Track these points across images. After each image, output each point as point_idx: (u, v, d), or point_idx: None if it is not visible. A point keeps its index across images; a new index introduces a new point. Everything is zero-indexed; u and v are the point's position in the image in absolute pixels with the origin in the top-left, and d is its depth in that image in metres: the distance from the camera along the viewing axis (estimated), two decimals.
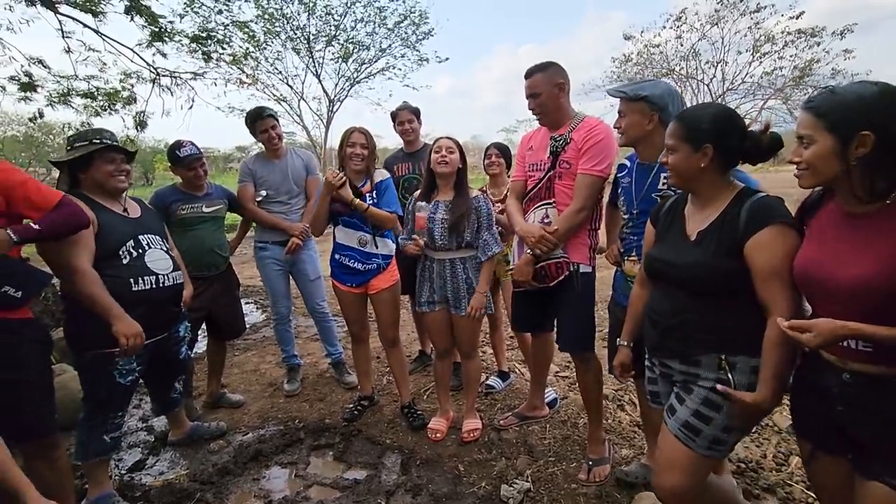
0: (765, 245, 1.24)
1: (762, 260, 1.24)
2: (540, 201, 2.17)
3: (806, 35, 14.25)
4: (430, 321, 2.58)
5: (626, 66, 17.57)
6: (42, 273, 1.70)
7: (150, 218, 2.29)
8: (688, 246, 1.40)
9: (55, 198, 1.72)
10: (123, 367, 2.05)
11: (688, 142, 1.37)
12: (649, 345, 1.56)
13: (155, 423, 2.88)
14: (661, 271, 1.47)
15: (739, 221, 1.29)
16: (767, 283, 1.24)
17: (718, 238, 1.33)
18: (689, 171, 1.39)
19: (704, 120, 1.36)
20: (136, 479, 2.37)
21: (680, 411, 1.40)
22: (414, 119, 3.18)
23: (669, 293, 1.45)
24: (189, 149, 2.70)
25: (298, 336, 4.29)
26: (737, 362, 1.32)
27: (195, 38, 7.49)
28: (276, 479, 2.38)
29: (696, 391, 1.38)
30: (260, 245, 3.18)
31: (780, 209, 1.28)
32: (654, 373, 1.58)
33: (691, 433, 1.36)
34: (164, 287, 2.14)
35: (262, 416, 2.94)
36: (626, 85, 1.89)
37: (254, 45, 12.16)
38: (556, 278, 2.11)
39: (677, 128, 1.40)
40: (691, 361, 1.39)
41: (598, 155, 2.03)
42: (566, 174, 2.10)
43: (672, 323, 1.42)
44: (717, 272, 1.31)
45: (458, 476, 2.28)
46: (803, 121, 1.13)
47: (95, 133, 2.11)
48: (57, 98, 7.45)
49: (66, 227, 1.72)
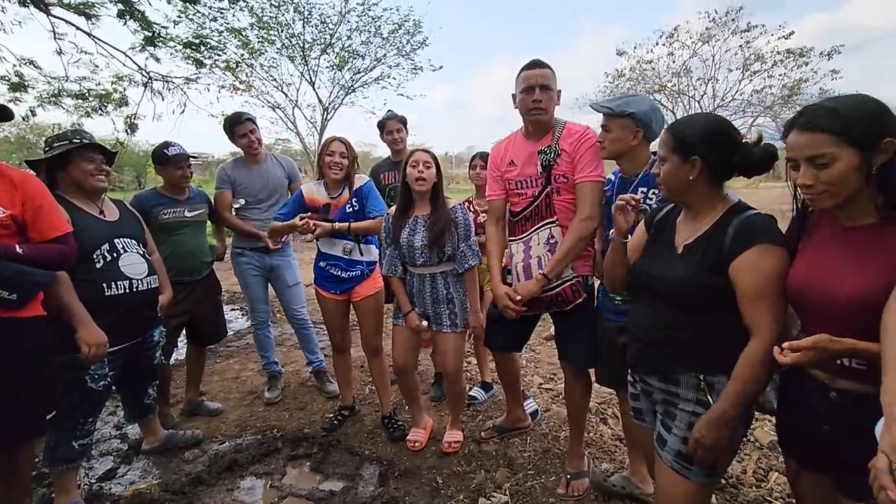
0: (750, 265, 1.20)
1: (747, 281, 1.20)
2: (540, 221, 2.04)
3: (795, 55, 14.53)
4: (398, 333, 2.48)
5: (618, 81, 17.77)
6: (42, 273, 1.68)
7: (128, 221, 2.26)
8: (673, 259, 1.37)
9: (60, 230, 1.76)
10: (95, 371, 2.01)
11: (676, 153, 1.33)
12: (630, 360, 1.51)
13: (129, 430, 2.82)
14: (645, 284, 1.44)
15: (725, 239, 1.25)
16: (752, 305, 1.21)
17: (703, 254, 1.28)
18: (678, 183, 1.35)
19: (694, 131, 1.32)
20: (106, 489, 2.30)
21: (670, 441, 1.35)
22: (402, 128, 3.19)
23: (651, 306, 1.42)
24: (178, 148, 2.71)
25: (282, 344, 4.24)
26: (715, 382, 1.28)
27: (188, 44, 7.49)
28: (250, 490, 2.32)
29: (679, 415, 1.34)
30: (237, 251, 3.14)
31: (767, 228, 1.23)
32: (636, 389, 1.55)
33: (686, 462, 1.32)
34: (138, 292, 2.10)
35: (241, 424, 2.89)
36: (611, 100, 1.86)
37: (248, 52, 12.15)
38: (574, 301, 2.01)
39: (668, 138, 1.36)
40: (670, 380, 1.36)
41: (594, 160, 1.96)
42: (564, 188, 2.00)
43: (652, 339, 1.39)
44: (699, 289, 1.27)
45: (437, 489, 2.24)
46: (816, 141, 1.04)
47: (75, 133, 2.10)
48: (47, 98, 7.40)
49: (48, 262, 1.71)
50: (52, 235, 1.74)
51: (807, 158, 1.06)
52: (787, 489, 2.13)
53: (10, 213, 1.64)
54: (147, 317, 2.22)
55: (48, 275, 1.70)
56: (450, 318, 2.35)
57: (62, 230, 1.78)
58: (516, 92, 2.05)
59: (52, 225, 1.75)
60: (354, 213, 2.57)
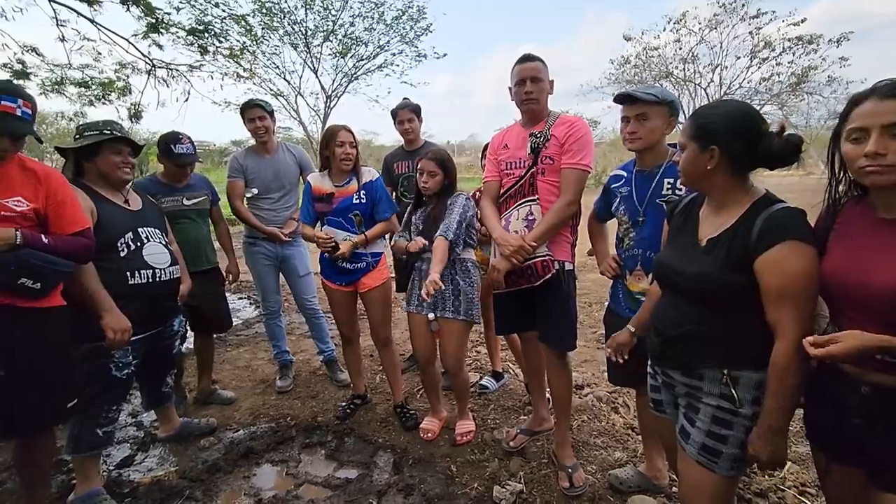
0: (777, 263, 1.14)
1: (773, 279, 1.15)
2: (522, 198, 2.12)
3: (803, 42, 14.35)
4: (414, 324, 2.51)
5: (624, 68, 17.62)
6: (64, 263, 1.70)
7: (151, 211, 2.27)
8: (697, 253, 1.32)
9: (81, 225, 1.79)
10: (119, 360, 2.04)
11: (695, 140, 1.28)
12: (652, 353, 1.49)
13: (144, 418, 2.85)
14: (667, 278, 1.41)
15: (752, 234, 1.19)
16: (777, 305, 1.16)
17: (728, 249, 1.23)
18: (696, 172, 1.31)
19: (715, 119, 1.27)
20: (125, 476, 2.34)
21: (694, 434, 1.33)
22: (414, 118, 3.16)
23: (674, 301, 1.39)
24: (186, 147, 2.64)
25: (291, 333, 4.27)
26: (740, 377, 1.25)
27: (192, 31, 7.42)
28: (267, 476, 2.35)
29: (703, 409, 1.31)
30: (250, 241, 3.14)
31: (797, 223, 1.16)
32: (656, 381, 1.53)
33: (712, 456, 1.29)
34: (161, 281, 2.12)
35: (254, 413, 2.91)
36: (644, 88, 1.82)
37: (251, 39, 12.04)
38: (543, 276, 2.07)
39: (689, 125, 1.32)
40: (694, 374, 1.33)
41: (582, 149, 2.04)
42: (549, 170, 2.08)
43: (675, 333, 1.36)
44: (723, 285, 1.23)
45: (451, 476, 2.26)
46: None
47: (106, 124, 2.11)
48: (50, 86, 7.36)
49: (70, 254, 1.73)
50: (74, 230, 1.76)
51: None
52: (800, 478, 2.15)
53: (33, 206, 1.65)
54: (168, 306, 2.23)
55: (69, 264, 1.72)
56: (454, 306, 2.36)
57: (83, 224, 1.80)
58: (511, 85, 2.16)
59: (74, 219, 1.77)
60: (361, 205, 2.57)
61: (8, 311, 1.61)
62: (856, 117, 1.06)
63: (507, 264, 2.06)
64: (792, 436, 2.50)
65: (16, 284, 1.57)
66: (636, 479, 2.12)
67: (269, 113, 3.07)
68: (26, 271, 1.58)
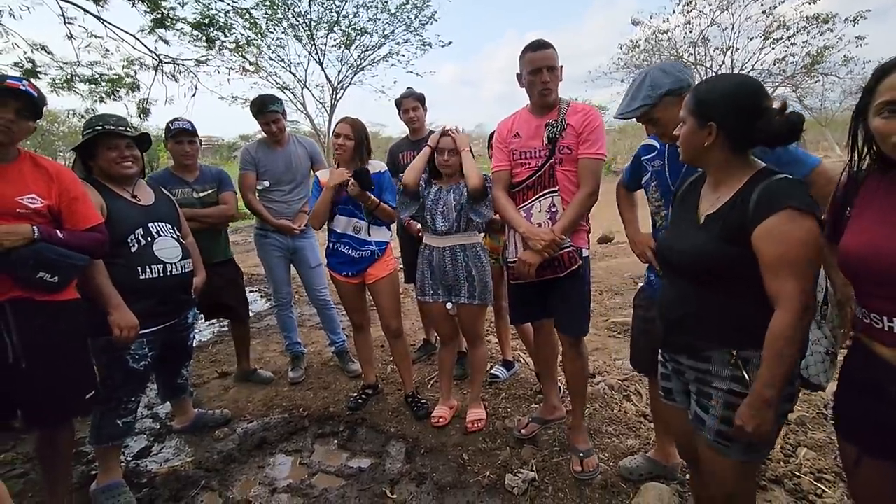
0: (774, 233, 1.10)
1: (770, 250, 1.11)
2: (543, 190, 2.10)
3: (818, 21, 13.96)
4: (434, 311, 2.57)
5: (633, 53, 17.31)
6: (79, 257, 1.72)
7: (164, 205, 2.28)
8: (694, 230, 1.30)
9: (93, 221, 1.81)
10: (136, 352, 2.06)
11: (693, 115, 1.25)
12: (660, 338, 1.47)
13: (159, 410, 2.89)
14: (666, 259, 1.38)
15: (749, 206, 1.15)
16: (774, 275, 1.12)
17: (724, 222, 1.20)
18: (693, 148, 1.27)
19: (715, 94, 1.22)
20: (142, 466, 2.38)
21: (708, 421, 1.30)
22: (419, 106, 3.14)
23: (675, 283, 1.36)
24: (183, 123, 2.72)
25: (302, 325, 4.30)
26: (750, 357, 1.21)
27: (197, 25, 7.42)
28: (281, 466, 2.38)
29: (715, 394, 1.28)
30: (261, 232, 3.16)
31: (796, 192, 1.12)
32: (666, 369, 1.50)
33: (726, 440, 1.27)
34: (172, 276, 2.13)
35: (267, 404, 2.94)
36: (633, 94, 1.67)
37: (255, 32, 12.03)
38: (570, 268, 2.07)
39: (689, 99, 1.28)
40: (700, 357, 1.30)
41: (599, 139, 2.04)
42: (567, 160, 2.07)
43: (676, 315, 1.33)
44: (719, 260, 1.20)
45: (463, 465, 2.27)
46: None
47: (99, 119, 2.09)
48: (60, 84, 7.42)
49: (84, 249, 1.76)
50: (87, 226, 1.78)
51: None
52: (816, 464, 2.12)
53: (46, 203, 1.67)
54: (181, 300, 2.25)
55: (84, 258, 1.74)
56: (468, 291, 2.41)
57: (95, 220, 1.82)
58: (522, 73, 2.10)
59: (86, 216, 1.79)
60: (377, 195, 2.56)
61: (26, 305, 1.64)
62: (885, 90, 1.00)
63: (538, 258, 2.04)
64: (808, 421, 2.47)
65: (34, 279, 1.60)
66: (646, 465, 2.12)
67: (282, 111, 3.10)
68: (44, 265, 1.61)
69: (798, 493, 1.99)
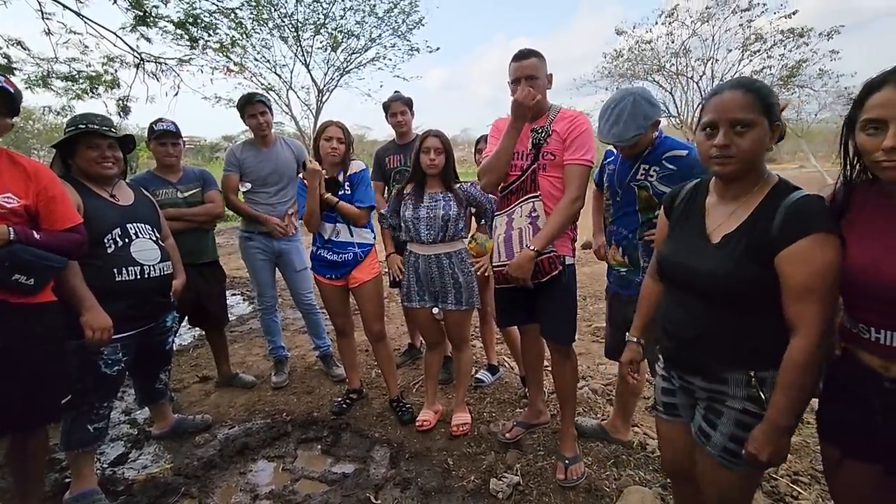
0: (803, 257, 1.06)
1: (798, 274, 1.07)
2: (525, 195, 2.12)
3: (794, 35, 14.38)
4: (420, 316, 2.58)
5: (617, 62, 17.58)
6: (56, 258, 1.68)
7: (143, 206, 2.23)
8: (709, 249, 1.23)
9: (72, 221, 1.77)
10: (109, 356, 2.01)
11: (766, 116, 1.14)
12: (665, 355, 1.41)
13: (138, 415, 2.83)
14: (677, 277, 1.31)
15: (773, 224, 1.11)
16: (799, 300, 1.08)
17: (747, 242, 1.14)
18: (761, 153, 1.16)
19: (770, 92, 1.16)
20: (119, 474, 2.32)
21: (715, 438, 1.26)
22: (406, 110, 3.15)
23: (685, 302, 1.29)
24: (166, 124, 2.68)
25: (286, 328, 4.25)
26: (766, 378, 1.17)
27: (180, 24, 7.31)
28: (263, 472, 2.34)
29: (727, 412, 1.24)
30: (245, 235, 3.12)
31: (823, 214, 1.08)
32: (671, 384, 1.42)
33: (732, 457, 1.24)
34: (150, 278, 2.09)
35: (249, 408, 2.90)
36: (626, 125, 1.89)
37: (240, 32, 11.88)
38: (550, 273, 2.08)
39: (753, 98, 1.13)
40: (716, 379, 1.24)
41: (584, 144, 2.04)
42: (551, 165, 2.08)
43: (689, 336, 1.27)
44: (742, 283, 1.14)
45: (448, 470, 2.27)
46: None
47: (83, 118, 2.05)
48: (36, 81, 7.24)
49: (62, 250, 1.71)
50: (65, 226, 1.73)
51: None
52: (793, 467, 2.17)
53: (23, 202, 1.62)
54: (159, 302, 2.20)
55: (62, 260, 1.70)
56: (455, 298, 2.43)
57: (73, 221, 1.77)
58: (509, 81, 2.13)
59: (64, 216, 1.74)
60: (347, 196, 2.57)
61: (1, 307, 1.58)
62: (872, 107, 1.00)
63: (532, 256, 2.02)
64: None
65: (10, 281, 1.55)
66: (597, 430, 2.47)
67: (269, 107, 3.08)
68: (19, 267, 1.56)
69: (775, 494, 2.04)
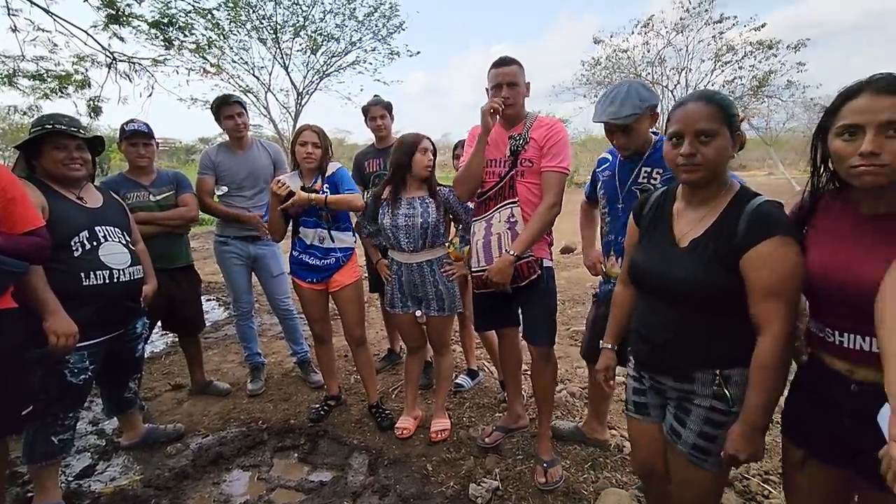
0: (764, 260, 1.12)
1: (760, 276, 1.13)
2: (503, 200, 2.15)
3: (763, 47, 14.93)
4: (402, 321, 2.57)
5: (595, 70, 17.92)
6: (16, 263, 1.60)
7: (112, 209, 2.16)
8: (678, 254, 1.27)
9: (33, 224, 1.70)
10: (75, 365, 1.94)
11: (726, 125, 1.19)
12: (637, 358, 1.46)
13: (106, 425, 2.73)
14: (648, 282, 1.36)
15: (738, 230, 1.16)
16: (765, 301, 1.13)
17: (715, 247, 1.20)
18: (724, 161, 1.21)
19: (730, 103, 1.22)
20: (85, 487, 2.23)
21: (685, 435, 1.31)
22: (386, 114, 3.14)
23: (657, 306, 1.34)
24: (137, 125, 2.63)
25: (262, 334, 4.17)
26: (732, 375, 1.23)
27: (155, 24, 7.16)
28: (238, 482, 2.29)
29: (695, 411, 1.29)
30: (221, 239, 3.06)
31: (782, 219, 1.15)
32: (642, 384, 1.47)
33: (702, 454, 1.29)
34: (119, 282, 2.02)
35: (224, 417, 2.83)
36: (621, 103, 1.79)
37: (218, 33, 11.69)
38: (529, 277, 2.10)
39: (716, 109, 1.19)
40: (685, 379, 1.30)
41: (561, 152, 2.07)
42: (528, 172, 2.10)
43: (662, 340, 1.32)
44: (711, 287, 1.20)
45: (427, 476, 2.25)
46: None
47: (50, 118, 1.98)
48: (1, 79, 6.99)
49: (23, 255, 1.64)
50: (25, 229, 1.65)
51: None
52: (763, 467, 2.23)
53: None
54: (129, 308, 2.14)
55: (21, 265, 1.62)
56: (438, 304, 2.43)
57: (35, 224, 1.69)
58: (489, 87, 2.15)
59: (24, 218, 1.66)
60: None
61: None
62: (848, 113, 1.01)
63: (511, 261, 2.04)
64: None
65: None
66: (574, 433, 2.48)
67: (245, 109, 3.05)
68: None
69: (747, 494, 2.08)
